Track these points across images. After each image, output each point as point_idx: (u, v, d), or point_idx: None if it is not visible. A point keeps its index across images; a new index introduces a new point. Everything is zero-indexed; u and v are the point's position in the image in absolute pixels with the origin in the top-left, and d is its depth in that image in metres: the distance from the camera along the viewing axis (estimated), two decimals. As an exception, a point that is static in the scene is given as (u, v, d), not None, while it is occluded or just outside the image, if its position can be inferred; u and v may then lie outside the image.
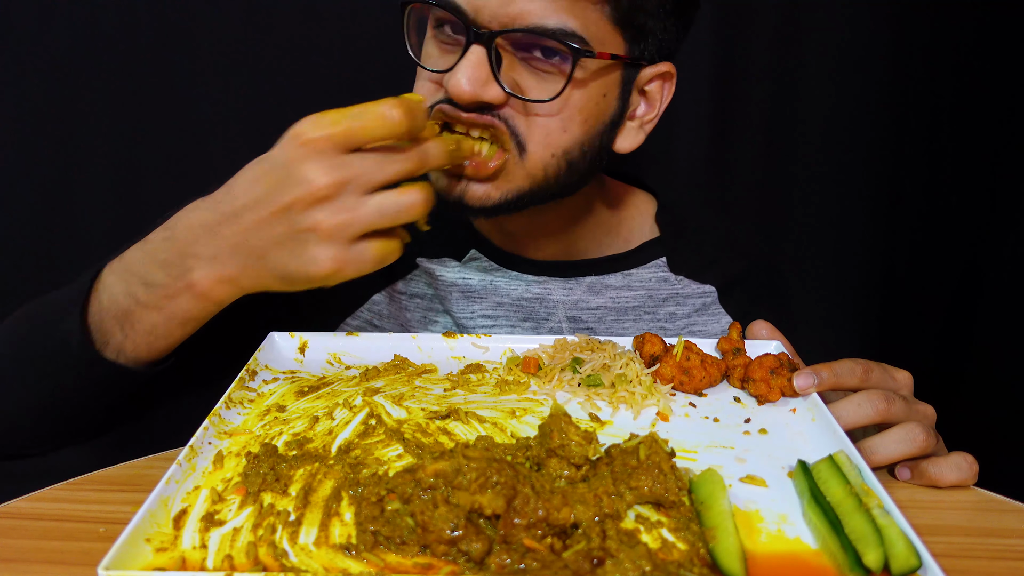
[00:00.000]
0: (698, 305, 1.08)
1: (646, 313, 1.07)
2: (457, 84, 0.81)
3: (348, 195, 0.68)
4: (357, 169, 0.68)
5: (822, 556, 0.58)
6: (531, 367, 0.86)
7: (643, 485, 0.62)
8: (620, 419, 0.78)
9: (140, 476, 0.71)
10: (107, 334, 0.79)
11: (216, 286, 0.74)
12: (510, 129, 0.85)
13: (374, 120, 0.68)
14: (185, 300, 0.75)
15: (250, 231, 0.71)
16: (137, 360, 0.81)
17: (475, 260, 1.06)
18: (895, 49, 1.66)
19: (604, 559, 0.55)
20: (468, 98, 0.82)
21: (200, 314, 0.78)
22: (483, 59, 0.81)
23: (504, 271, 1.05)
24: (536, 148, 0.86)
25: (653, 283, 1.08)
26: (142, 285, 0.76)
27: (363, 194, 0.69)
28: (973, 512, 0.70)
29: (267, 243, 0.70)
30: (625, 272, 1.07)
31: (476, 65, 0.81)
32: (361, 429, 0.75)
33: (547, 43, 0.82)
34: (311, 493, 0.64)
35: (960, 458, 0.73)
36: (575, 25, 0.81)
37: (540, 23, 0.80)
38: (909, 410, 0.77)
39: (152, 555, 0.56)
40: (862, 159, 1.72)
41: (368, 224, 0.69)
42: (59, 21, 1.45)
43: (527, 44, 0.83)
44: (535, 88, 0.84)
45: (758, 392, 0.81)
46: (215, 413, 0.74)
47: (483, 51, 0.81)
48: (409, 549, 0.57)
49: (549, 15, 0.80)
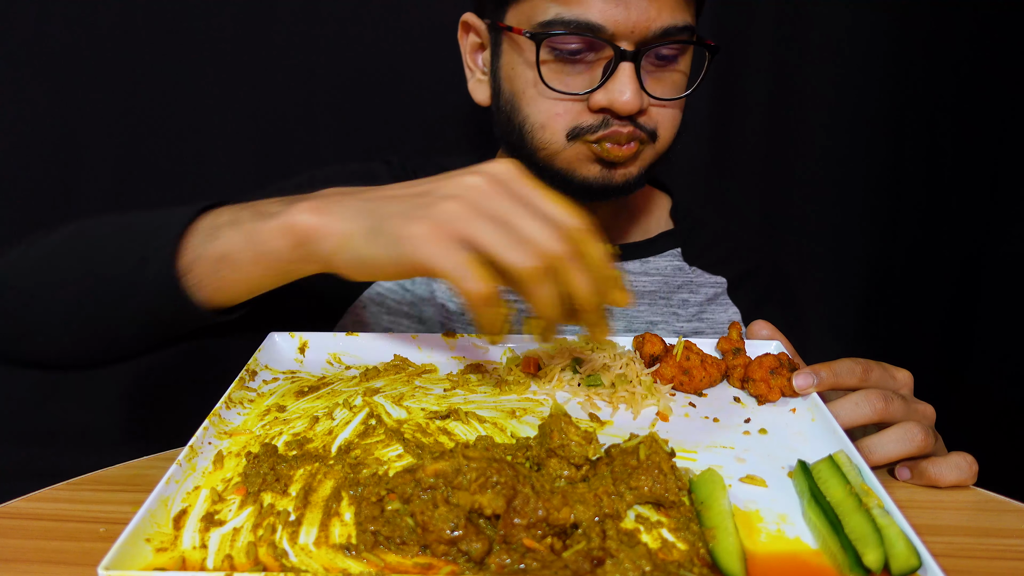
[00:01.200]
0: (710, 294, 1.14)
1: (661, 298, 1.13)
2: (626, 102, 0.91)
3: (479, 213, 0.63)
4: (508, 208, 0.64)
5: (822, 556, 0.58)
6: (531, 367, 0.86)
7: (643, 485, 0.62)
8: (620, 419, 0.78)
9: (140, 476, 0.71)
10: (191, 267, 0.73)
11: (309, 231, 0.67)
12: (649, 132, 0.97)
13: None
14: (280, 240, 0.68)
15: (377, 198, 0.67)
16: (207, 300, 0.75)
17: None
18: (895, 49, 1.66)
19: (604, 559, 0.55)
20: (635, 110, 0.92)
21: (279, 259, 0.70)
22: (634, 73, 0.91)
23: None
24: (666, 132, 0.99)
25: (669, 271, 1.14)
26: (248, 211, 0.72)
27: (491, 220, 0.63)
28: (973, 512, 0.70)
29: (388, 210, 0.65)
30: (643, 259, 1.14)
31: (632, 78, 0.91)
32: (361, 429, 0.75)
33: (673, 50, 0.94)
34: (311, 493, 0.64)
35: (960, 458, 0.73)
36: (689, 19, 0.94)
37: (672, 23, 0.91)
38: (908, 409, 0.77)
39: (152, 555, 0.56)
40: (862, 159, 1.72)
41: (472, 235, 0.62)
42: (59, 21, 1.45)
43: (659, 50, 0.93)
44: (659, 82, 0.96)
45: (758, 392, 0.81)
46: (215, 413, 0.74)
47: (632, 66, 0.91)
48: (409, 549, 0.57)
49: (677, 15, 0.92)
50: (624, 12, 0.89)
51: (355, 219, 0.66)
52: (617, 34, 0.90)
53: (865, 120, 1.70)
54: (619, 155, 0.95)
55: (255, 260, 0.71)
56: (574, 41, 0.91)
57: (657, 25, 0.90)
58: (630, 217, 1.17)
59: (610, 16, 0.89)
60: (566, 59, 0.93)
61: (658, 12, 0.90)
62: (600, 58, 0.93)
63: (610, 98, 0.91)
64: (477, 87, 1.08)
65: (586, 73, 0.94)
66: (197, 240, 0.73)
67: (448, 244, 0.62)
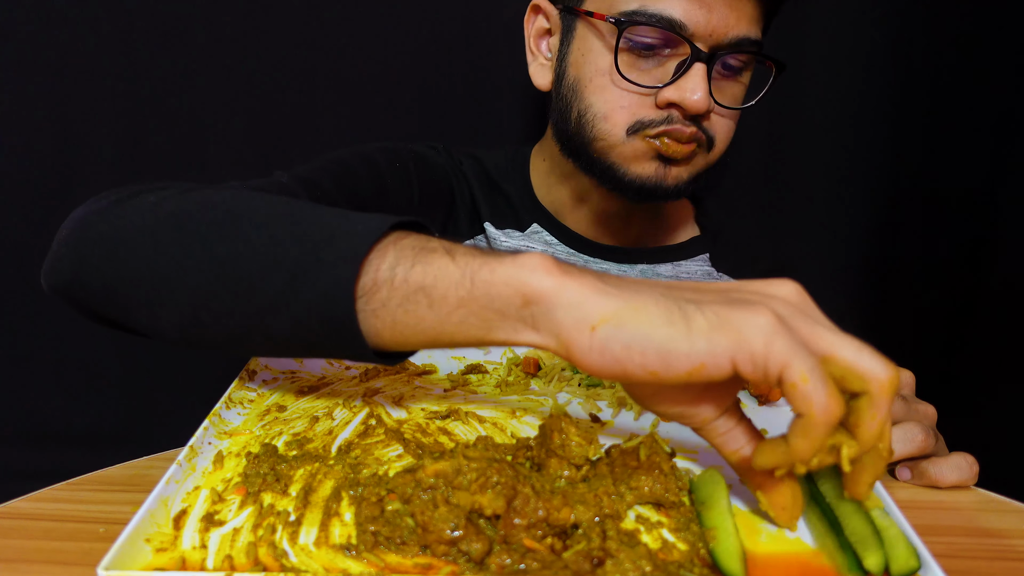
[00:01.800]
0: None
1: None
2: (696, 101, 0.91)
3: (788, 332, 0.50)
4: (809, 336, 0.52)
5: (822, 557, 0.58)
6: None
7: (643, 485, 0.62)
8: (620, 419, 0.78)
9: (140, 476, 0.71)
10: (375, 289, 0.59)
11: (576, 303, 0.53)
12: (709, 137, 0.98)
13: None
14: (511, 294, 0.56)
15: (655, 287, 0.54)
16: (376, 334, 0.61)
17: (536, 233, 1.13)
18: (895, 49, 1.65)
19: (604, 559, 0.55)
20: (703, 110, 0.93)
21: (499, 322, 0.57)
22: (706, 74, 0.92)
23: (563, 246, 1.13)
24: (722, 143, 1.01)
25: (700, 276, 1.16)
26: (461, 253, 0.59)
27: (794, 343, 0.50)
28: (973, 512, 0.70)
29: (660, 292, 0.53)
30: (675, 263, 1.16)
31: (704, 80, 0.92)
32: (361, 429, 0.75)
33: (739, 61, 0.96)
34: (311, 493, 0.64)
35: (960, 458, 0.73)
36: (759, 33, 0.96)
37: (747, 34, 0.93)
38: (908, 410, 0.77)
39: (152, 555, 0.56)
40: (862, 159, 1.72)
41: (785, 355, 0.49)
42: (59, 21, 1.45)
43: (728, 58, 0.95)
44: (729, 93, 0.98)
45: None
46: (215, 413, 0.74)
47: (704, 68, 0.92)
48: (409, 549, 0.57)
49: (752, 27, 0.94)
50: (706, 14, 0.90)
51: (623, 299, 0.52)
52: (696, 34, 0.90)
53: (865, 121, 1.69)
54: (678, 151, 0.96)
55: (462, 302, 0.57)
56: (653, 34, 0.92)
57: (734, 33, 0.92)
58: (664, 222, 1.18)
59: (692, 15, 0.90)
60: (639, 52, 0.93)
61: (736, 20, 0.91)
62: (673, 55, 0.93)
63: (681, 95, 0.92)
64: (539, 71, 1.08)
65: (656, 69, 0.94)
66: (388, 261, 0.59)
67: (800, 346, 0.49)
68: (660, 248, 1.17)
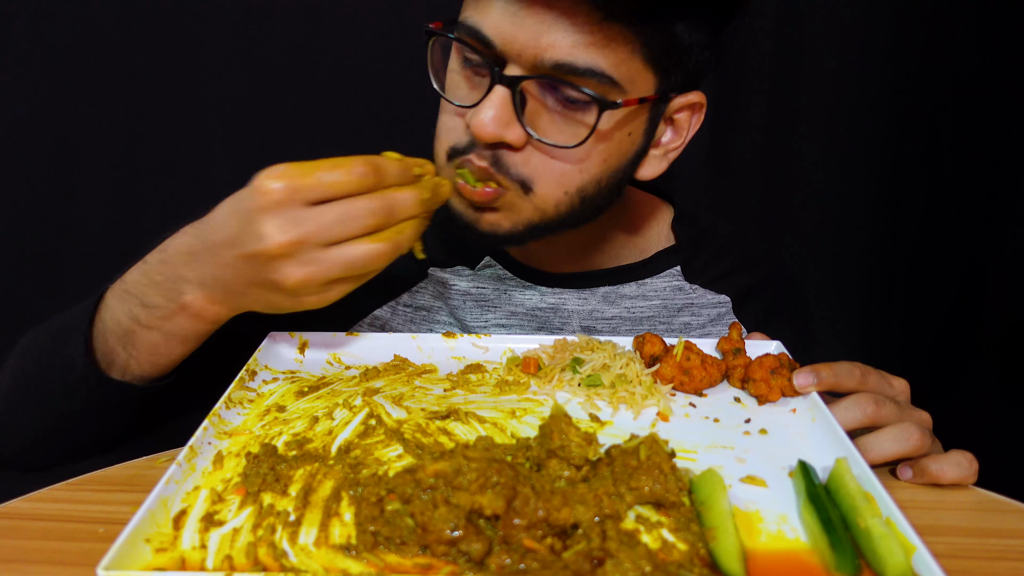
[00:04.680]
0: (713, 315, 1.07)
1: (661, 323, 1.06)
2: (480, 124, 0.79)
3: (309, 250, 0.69)
4: (315, 224, 0.68)
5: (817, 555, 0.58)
6: (531, 367, 0.86)
7: (643, 485, 0.62)
8: (620, 419, 0.78)
9: (140, 476, 0.71)
10: (111, 354, 0.81)
11: (207, 307, 0.77)
12: (515, 177, 0.83)
13: (337, 175, 0.69)
14: (181, 320, 0.78)
15: (226, 267, 0.73)
16: (142, 377, 0.83)
17: (489, 267, 1.05)
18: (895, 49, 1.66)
19: (604, 559, 0.55)
20: (489, 139, 0.80)
21: (197, 332, 0.80)
22: (507, 100, 0.79)
23: (518, 280, 1.05)
24: (547, 188, 0.84)
25: (668, 292, 1.06)
26: (141, 306, 0.79)
27: (324, 248, 0.69)
28: (973, 512, 0.70)
29: (242, 282, 0.73)
30: (640, 281, 1.06)
31: (500, 105, 0.79)
32: (361, 429, 0.75)
33: (572, 92, 0.79)
34: (311, 493, 0.64)
35: (960, 456, 0.73)
36: (605, 64, 0.78)
37: (570, 60, 0.77)
38: (902, 414, 0.76)
39: (152, 555, 0.56)
40: (862, 160, 1.72)
41: (333, 276, 0.70)
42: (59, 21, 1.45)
43: (553, 86, 0.80)
44: (556, 129, 0.82)
45: (758, 392, 0.81)
46: (215, 413, 0.74)
47: (507, 92, 0.79)
48: (409, 549, 0.57)
49: (579, 52, 0.77)
50: (513, 31, 0.77)
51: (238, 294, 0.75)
52: (506, 53, 0.79)
53: (865, 121, 1.70)
54: (472, 194, 0.84)
55: (168, 337, 0.79)
56: (469, 51, 0.83)
57: (550, 56, 0.77)
58: (625, 235, 1.07)
59: (500, 32, 0.78)
60: (470, 70, 0.84)
61: (551, 42, 0.77)
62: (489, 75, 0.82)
63: (470, 117, 0.81)
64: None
65: (479, 89, 0.83)
66: (107, 337, 0.81)
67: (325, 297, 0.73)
68: (623, 268, 1.06)
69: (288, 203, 0.68)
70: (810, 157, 1.71)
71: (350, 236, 0.70)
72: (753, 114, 1.66)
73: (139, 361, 0.81)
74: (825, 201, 1.75)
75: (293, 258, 0.69)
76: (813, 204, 1.75)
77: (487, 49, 0.80)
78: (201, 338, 0.81)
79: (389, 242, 0.71)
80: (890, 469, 0.75)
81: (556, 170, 0.84)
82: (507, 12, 0.78)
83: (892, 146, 1.72)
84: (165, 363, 0.82)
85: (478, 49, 0.81)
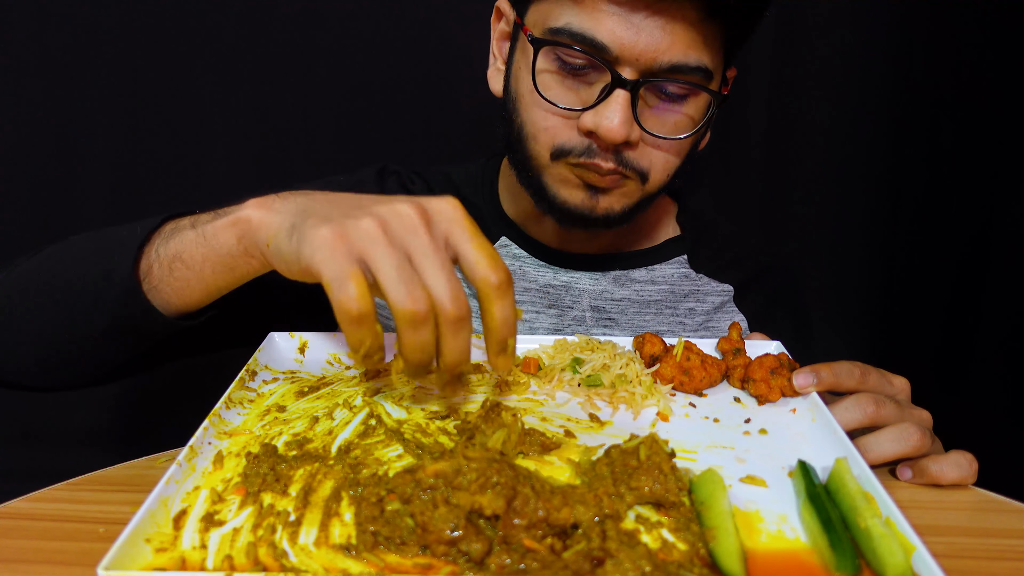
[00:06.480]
0: (717, 303, 1.12)
1: (667, 307, 1.11)
2: (609, 129, 0.86)
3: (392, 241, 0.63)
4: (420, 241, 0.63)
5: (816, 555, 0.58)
6: (531, 367, 0.86)
7: (643, 485, 0.62)
8: (620, 419, 0.78)
9: (140, 476, 0.71)
10: (150, 269, 0.77)
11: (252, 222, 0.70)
12: (636, 169, 0.92)
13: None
14: (227, 235, 0.71)
15: (322, 202, 0.68)
16: (167, 304, 0.79)
17: (505, 247, 1.11)
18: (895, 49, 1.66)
19: (604, 559, 0.55)
20: (620, 140, 0.87)
21: (233, 261, 0.73)
22: (628, 102, 0.86)
23: (532, 259, 1.10)
24: (658, 175, 0.94)
25: (675, 279, 1.12)
26: (195, 228, 0.75)
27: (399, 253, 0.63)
28: (973, 512, 0.70)
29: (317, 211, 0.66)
30: (649, 267, 1.12)
31: (625, 107, 0.86)
32: (361, 429, 0.75)
33: (676, 89, 0.88)
34: (311, 493, 0.64)
35: (960, 456, 0.73)
36: (707, 60, 0.87)
37: (684, 60, 0.85)
38: (902, 414, 0.77)
39: (152, 555, 0.56)
40: (862, 160, 1.72)
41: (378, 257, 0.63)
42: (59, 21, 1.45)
43: (659, 84, 0.88)
44: (659, 121, 0.90)
45: (758, 392, 0.81)
46: (215, 413, 0.74)
47: (628, 95, 0.86)
48: (409, 549, 0.57)
49: (691, 52, 0.85)
50: (633, 37, 0.83)
51: (287, 215, 0.68)
52: (622, 58, 0.84)
53: (865, 121, 1.70)
54: (600, 181, 0.91)
55: (206, 256, 0.74)
56: (576, 56, 0.87)
57: (666, 59, 0.84)
58: (636, 225, 1.11)
59: (617, 38, 0.83)
60: (568, 72, 0.88)
61: (669, 45, 0.84)
62: (603, 80, 0.87)
63: (597, 122, 0.87)
64: (494, 76, 1.04)
65: (585, 91, 0.89)
66: (156, 244, 0.77)
67: (342, 255, 0.61)
68: (634, 252, 1.13)
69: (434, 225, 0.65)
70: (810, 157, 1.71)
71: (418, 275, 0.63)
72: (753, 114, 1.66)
73: (172, 287, 0.77)
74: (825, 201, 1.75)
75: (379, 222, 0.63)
76: (813, 204, 1.75)
77: (603, 54, 0.85)
78: (233, 275, 0.75)
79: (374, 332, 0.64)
80: (890, 469, 0.75)
81: (665, 158, 0.93)
82: (622, 18, 0.83)
83: (892, 146, 1.72)
84: (193, 296, 0.77)
85: (591, 54, 0.85)
